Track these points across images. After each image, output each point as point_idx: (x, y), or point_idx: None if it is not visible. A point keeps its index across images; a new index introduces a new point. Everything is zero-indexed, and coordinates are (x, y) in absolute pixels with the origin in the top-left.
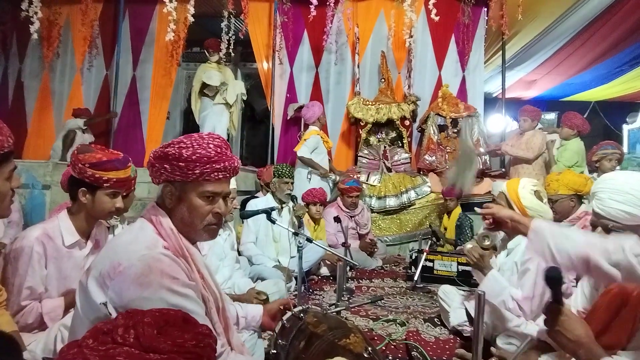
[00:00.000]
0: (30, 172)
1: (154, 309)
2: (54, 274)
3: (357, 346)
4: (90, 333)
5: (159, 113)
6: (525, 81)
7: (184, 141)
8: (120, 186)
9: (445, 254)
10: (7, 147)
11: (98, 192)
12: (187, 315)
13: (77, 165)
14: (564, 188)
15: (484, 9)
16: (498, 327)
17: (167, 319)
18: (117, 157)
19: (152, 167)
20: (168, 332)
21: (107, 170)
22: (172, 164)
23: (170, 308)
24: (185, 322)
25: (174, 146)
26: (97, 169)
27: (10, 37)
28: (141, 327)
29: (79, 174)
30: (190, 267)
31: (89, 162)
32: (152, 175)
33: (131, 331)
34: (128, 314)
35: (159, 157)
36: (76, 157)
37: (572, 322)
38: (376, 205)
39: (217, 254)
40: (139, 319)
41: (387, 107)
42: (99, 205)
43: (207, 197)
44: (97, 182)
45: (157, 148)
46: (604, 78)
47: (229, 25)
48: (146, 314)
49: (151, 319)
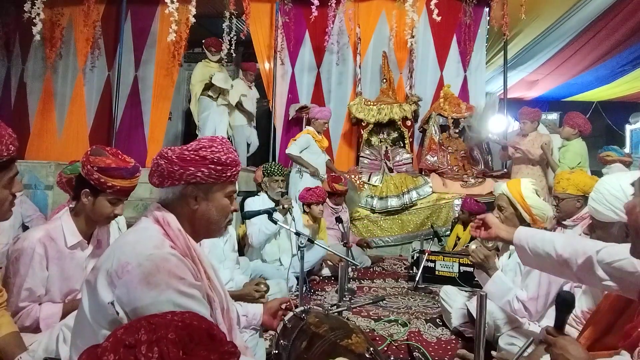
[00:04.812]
0: (33, 173)
1: (176, 319)
2: (56, 275)
3: (359, 346)
4: (111, 344)
5: (160, 113)
6: (527, 81)
7: (215, 145)
8: (122, 194)
9: (446, 254)
10: (6, 155)
11: (100, 196)
12: (212, 330)
13: (87, 166)
14: (573, 188)
15: (485, 9)
16: (500, 328)
17: (192, 334)
18: (126, 165)
19: (170, 168)
20: (194, 353)
21: (114, 178)
22: (210, 167)
23: (189, 317)
24: (211, 339)
25: (207, 150)
26: (103, 174)
27: (13, 38)
28: (165, 345)
29: (86, 175)
30: (197, 268)
31: (97, 165)
32: (165, 177)
33: (155, 349)
34: (151, 326)
35: (189, 159)
36: (87, 158)
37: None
38: (378, 206)
39: (217, 256)
40: (162, 334)
41: (389, 108)
42: (98, 209)
43: (230, 196)
44: (101, 187)
45: (177, 150)
46: (607, 78)
47: (230, 26)
48: (170, 327)
49: (175, 335)
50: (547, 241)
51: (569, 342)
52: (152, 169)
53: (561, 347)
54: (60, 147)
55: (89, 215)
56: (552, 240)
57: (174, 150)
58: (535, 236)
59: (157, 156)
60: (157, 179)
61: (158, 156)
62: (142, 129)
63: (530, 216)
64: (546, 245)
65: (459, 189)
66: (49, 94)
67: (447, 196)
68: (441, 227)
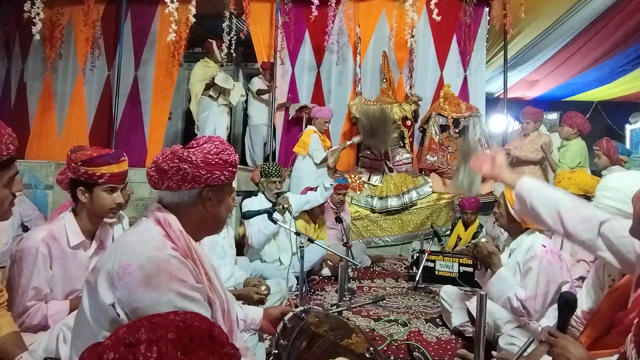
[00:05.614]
0: (33, 173)
1: (177, 319)
2: (59, 274)
3: (359, 346)
4: (112, 342)
5: (160, 113)
6: (527, 81)
7: (229, 148)
8: (115, 181)
9: (446, 254)
10: (5, 154)
11: (95, 189)
12: (213, 331)
13: (71, 165)
14: (574, 187)
15: (485, 9)
16: (500, 328)
17: (192, 335)
18: (108, 152)
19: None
20: (193, 354)
21: (99, 166)
22: (229, 170)
23: (190, 318)
24: (212, 341)
25: (225, 153)
26: (89, 166)
27: (13, 38)
28: (164, 344)
29: (74, 174)
30: (198, 269)
31: (80, 159)
32: (188, 181)
33: (154, 348)
34: (152, 325)
35: (214, 164)
36: (69, 157)
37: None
38: (378, 206)
39: (217, 254)
40: (162, 334)
41: (389, 107)
42: (98, 202)
43: (232, 194)
44: (92, 179)
45: (198, 154)
46: (607, 78)
47: (230, 26)
48: (170, 327)
49: (175, 336)
50: (551, 201)
51: (570, 342)
52: (170, 173)
53: (562, 347)
54: (60, 147)
55: (92, 211)
56: (556, 204)
57: (194, 154)
58: (539, 190)
59: (176, 159)
60: (175, 183)
61: (177, 159)
62: (142, 129)
63: (519, 215)
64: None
65: None
66: (49, 94)
67: (447, 196)
68: (441, 227)
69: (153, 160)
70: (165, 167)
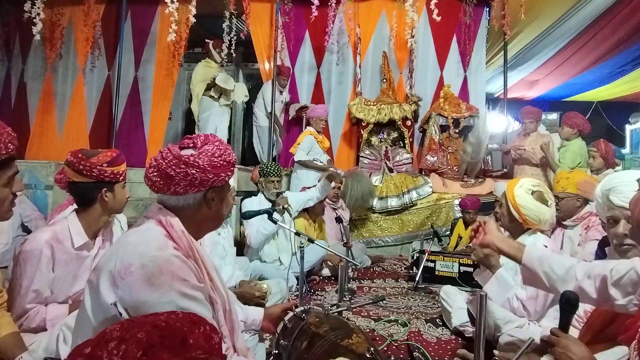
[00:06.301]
0: (33, 173)
1: (160, 319)
2: (62, 276)
3: (359, 346)
4: (96, 338)
5: (160, 114)
6: (527, 81)
7: (229, 148)
8: (125, 177)
9: (446, 254)
10: (4, 153)
11: (116, 186)
12: (188, 335)
13: (94, 168)
14: (572, 187)
15: (485, 9)
16: (500, 328)
17: (164, 335)
18: (117, 152)
19: (205, 176)
20: (155, 355)
21: (120, 164)
22: (231, 170)
23: (177, 319)
24: (182, 344)
25: (227, 153)
26: (113, 166)
27: (13, 38)
28: (131, 343)
29: (99, 176)
30: (200, 269)
31: (104, 161)
32: (196, 185)
33: (122, 347)
34: (131, 323)
35: (219, 166)
36: (90, 162)
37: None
38: (378, 206)
39: (218, 254)
40: (133, 333)
41: (389, 108)
42: (119, 198)
43: (231, 190)
44: (115, 177)
45: (203, 158)
46: (607, 78)
47: (230, 26)
48: (146, 325)
49: (145, 335)
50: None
51: (572, 341)
52: (177, 179)
53: (564, 346)
54: (60, 147)
55: (113, 208)
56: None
57: (200, 158)
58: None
59: (182, 165)
60: (182, 188)
61: (184, 165)
62: (142, 129)
63: (520, 216)
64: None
65: (459, 189)
66: (49, 94)
67: (447, 196)
68: (441, 227)
69: (152, 165)
70: (171, 172)
